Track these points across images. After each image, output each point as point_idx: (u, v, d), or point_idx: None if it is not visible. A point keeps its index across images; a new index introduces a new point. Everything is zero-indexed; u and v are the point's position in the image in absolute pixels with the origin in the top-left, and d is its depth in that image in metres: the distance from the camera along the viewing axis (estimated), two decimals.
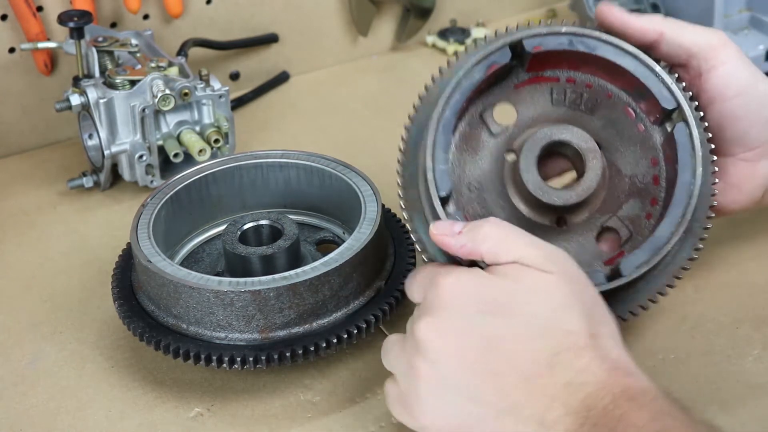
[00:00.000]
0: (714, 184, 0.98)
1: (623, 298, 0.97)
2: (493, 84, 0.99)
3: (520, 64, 0.99)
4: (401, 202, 0.98)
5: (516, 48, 0.97)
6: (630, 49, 0.97)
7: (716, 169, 0.99)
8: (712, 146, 0.98)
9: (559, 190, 0.98)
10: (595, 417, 0.78)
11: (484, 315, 0.83)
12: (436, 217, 0.94)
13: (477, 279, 0.85)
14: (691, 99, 0.98)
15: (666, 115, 0.98)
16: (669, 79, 0.97)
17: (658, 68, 0.97)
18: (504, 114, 1.02)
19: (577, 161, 1.00)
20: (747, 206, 1.06)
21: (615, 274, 0.95)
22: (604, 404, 0.79)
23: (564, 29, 0.97)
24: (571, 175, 1.05)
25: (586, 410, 0.79)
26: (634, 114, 1.00)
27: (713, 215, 0.99)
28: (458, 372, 0.83)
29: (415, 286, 0.91)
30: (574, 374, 0.81)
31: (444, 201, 0.94)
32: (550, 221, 0.99)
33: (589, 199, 0.98)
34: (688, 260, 0.98)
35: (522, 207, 0.99)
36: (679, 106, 0.96)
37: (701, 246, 0.98)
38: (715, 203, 0.99)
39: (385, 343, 0.91)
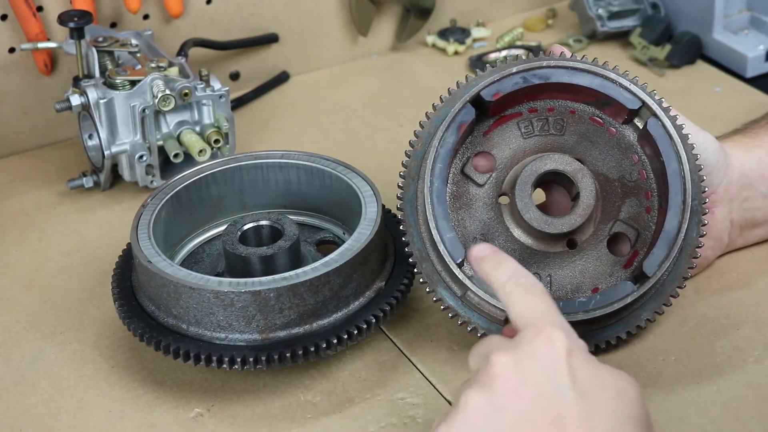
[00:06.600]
0: (697, 161, 1.00)
1: (645, 304, 1.00)
2: (464, 139, 1.01)
3: (483, 114, 1.01)
4: (420, 278, 1.00)
5: (476, 101, 0.99)
6: (581, 66, 1.00)
7: (695, 149, 1.01)
8: (683, 129, 1.00)
9: (562, 218, 1.00)
10: None
11: (564, 387, 0.80)
12: (458, 283, 0.98)
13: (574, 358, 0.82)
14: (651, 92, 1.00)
15: (633, 113, 1.00)
16: (626, 82, 0.99)
17: (613, 75, 0.99)
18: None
19: (567, 184, 1.02)
20: (719, 252, 1.12)
21: (640, 277, 0.98)
22: None
23: (515, 69, 0.99)
24: None
25: None
26: (601, 121, 1.02)
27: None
28: (513, 425, 0.79)
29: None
30: None
31: (459, 265, 0.97)
32: (562, 247, 1.02)
33: (591, 215, 1.00)
34: (696, 248, 1.00)
35: (531, 242, 1.01)
36: (644, 104, 0.99)
37: (706, 221, 1.00)
38: (704, 178, 1.01)
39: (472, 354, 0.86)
